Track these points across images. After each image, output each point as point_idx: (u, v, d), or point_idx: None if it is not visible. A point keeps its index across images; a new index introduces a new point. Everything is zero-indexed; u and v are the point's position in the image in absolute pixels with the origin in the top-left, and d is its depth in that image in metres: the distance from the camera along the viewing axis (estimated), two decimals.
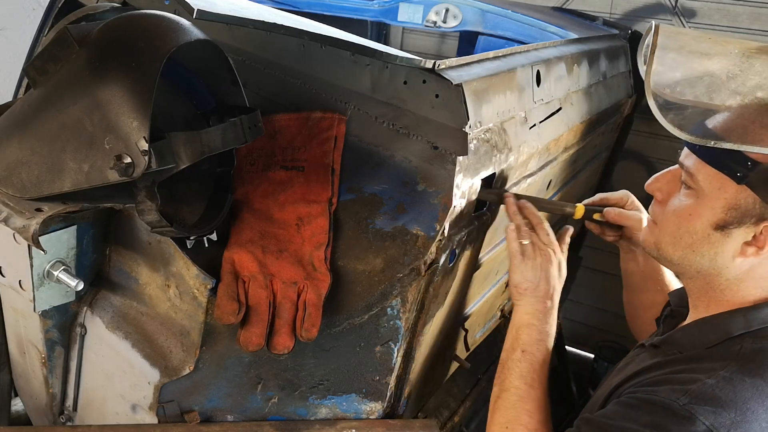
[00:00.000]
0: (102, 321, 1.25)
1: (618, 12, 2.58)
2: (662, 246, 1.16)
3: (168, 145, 0.96)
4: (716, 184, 1.06)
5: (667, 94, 1.07)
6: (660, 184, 1.20)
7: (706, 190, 1.07)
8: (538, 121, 1.39)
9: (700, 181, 1.08)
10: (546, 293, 1.27)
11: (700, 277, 1.13)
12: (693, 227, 1.10)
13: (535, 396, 1.20)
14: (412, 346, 1.25)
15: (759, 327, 1.07)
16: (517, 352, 1.24)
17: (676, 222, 1.13)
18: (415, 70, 1.14)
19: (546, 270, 1.27)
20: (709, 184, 1.07)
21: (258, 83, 1.28)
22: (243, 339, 1.10)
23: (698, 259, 1.11)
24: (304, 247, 1.16)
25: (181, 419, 1.21)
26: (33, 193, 1.03)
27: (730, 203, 1.05)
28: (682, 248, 1.12)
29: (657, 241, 1.17)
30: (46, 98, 1.01)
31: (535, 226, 1.30)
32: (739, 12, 2.39)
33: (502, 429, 1.20)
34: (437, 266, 1.17)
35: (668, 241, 1.15)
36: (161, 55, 0.94)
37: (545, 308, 1.26)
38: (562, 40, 1.72)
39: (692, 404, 0.98)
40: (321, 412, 1.26)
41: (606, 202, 1.44)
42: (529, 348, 1.23)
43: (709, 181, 1.07)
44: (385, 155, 1.19)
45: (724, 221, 1.06)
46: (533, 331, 1.25)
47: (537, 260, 1.27)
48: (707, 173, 1.07)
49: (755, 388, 0.99)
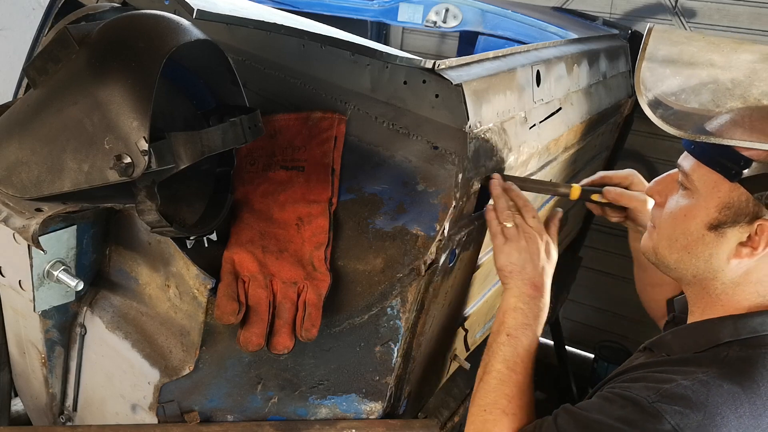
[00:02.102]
0: (102, 321, 1.25)
1: (618, 12, 2.58)
2: (659, 250, 1.16)
3: (168, 145, 0.96)
4: (710, 183, 1.06)
5: (672, 101, 1.09)
6: (659, 187, 1.20)
7: (700, 190, 1.08)
8: (538, 121, 1.39)
9: (695, 181, 1.08)
10: (533, 276, 1.24)
11: (696, 281, 1.13)
12: (688, 228, 1.10)
13: (516, 380, 1.19)
14: (412, 346, 1.25)
15: (748, 336, 1.06)
16: (502, 336, 1.22)
17: (671, 223, 1.13)
18: (415, 70, 1.14)
19: (532, 252, 1.25)
20: (704, 183, 1.07)
21: (258, 83, 1.28)
22: (243, 339, 1.10)
23: (694, 261, 1.11)
24: (304, 247, 1.16)
25: (181, 419, 1.21)
26: (33, 193, 1.03)
27: (723, 202, 1.05)
28: (677, 250, 1.12)
29: (655, 245, 1.17)
30: (46, 98, 1.01)
31: (521, 208, 1.27)
32: (739, 12, 2.39)
33: (481, 411, 1.19)
34: (437, 266, 1.17)
35: (665, 244, 1.14)
36: (161, 55, 0.94)
37: (533, 292, 1.23)
38: (562, 40, 1.72)
39: (661, 402, 0.98)
40: (321, 412, 1.26)
41: (607, 181, 1.41)
42: (514, 332, 1.21)
43: (704, 180, 1.07)
44: (385, 155, 1.19)
45: (717, 220, 1.06)
46: (519, 315, 1.22)
47: (521, 242, 1.25)
48: (701, 172, 1.07)
49: (731, 394, 0.99)
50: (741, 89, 1.09)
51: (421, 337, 1.26)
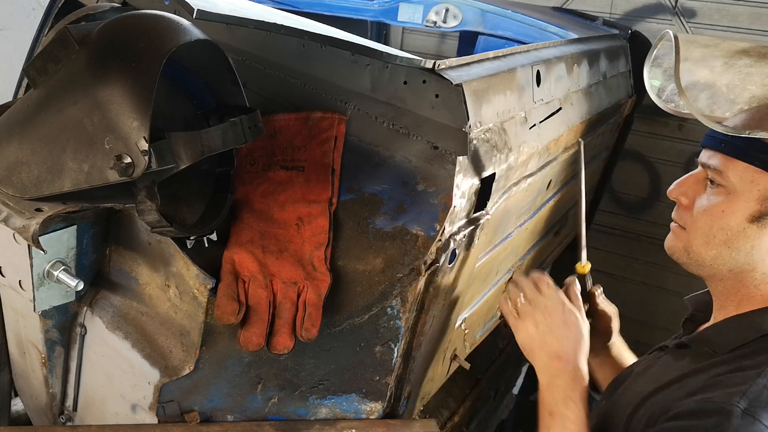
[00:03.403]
0: (102, 321, 1.25)
1: (618, 12, 2.58)
2: (693, 248, 1.16)
3: (168, 145, 0.96)
4: (748, 177, 1.09)
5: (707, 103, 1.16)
6: (684, 188, 1.20)
7: (737, 185, 1.10)
8: (538, 121, 1.39)
9: (731, 177, 1.10)
10: (557, 349, 1.21)
11: (732, 275, 1.14)
12: (727, 223, 1.11)
13: None
14: (412, 346, 1.25)
15: None
16: (547, 417, 1.18)
17: (708, 221, 1.14)
18: (415, 70, 1.14)
19: (549, 324, 1.23)
20: (740, 178, 1.10)
21: (258, 83, 1.28)
22: (243, 339, 1.10)
23: (734, 255, 1.12)
24: (304, 247, 1.16)
25: (181, 419, 1.21)
26: (33, 193, 1.03)
27: (764, 194, 1.08)
28: (716, 246, 1.13)
29: (687, 245, 1.17)
30: (46, 98, 1.01)
31: (536, 281, 1.27)
32: (739, 12, 2.39)
33: None
34: (437, 266, 1.17)
35: (701, 242, 1.15)
36: (161, 55, 0.94)
37: (559, 365, 1.20)
38: (562, 40, 1.72)
39: (753, 407, 0.96)
40: (321, 412, 1.26)
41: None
42: (557, 410, 1.17)
43: (740, 175, 1.10)
44: (385, 155, 1.19)
45: (759, 212, 1.09)
46: (555, 391, 1.18)
47: (537, 316, 1.24)
48: (737, 168, 1.10)
49: None
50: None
51: (421, 337, 1.26)
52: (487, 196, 1.26)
